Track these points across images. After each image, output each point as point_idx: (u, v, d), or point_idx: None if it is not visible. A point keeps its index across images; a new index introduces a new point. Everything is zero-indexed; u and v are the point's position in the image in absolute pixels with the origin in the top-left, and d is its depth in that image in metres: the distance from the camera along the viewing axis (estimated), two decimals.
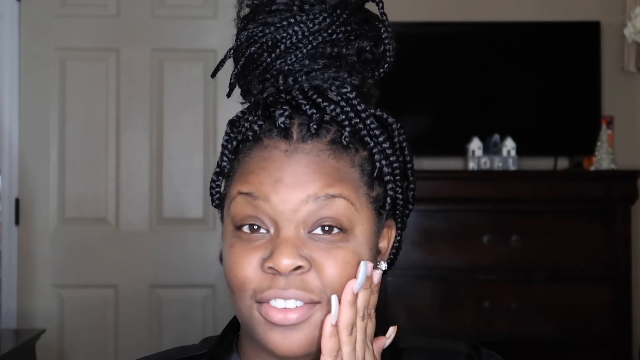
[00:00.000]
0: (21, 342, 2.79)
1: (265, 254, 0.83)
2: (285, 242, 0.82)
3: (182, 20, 3.37)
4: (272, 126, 0.86)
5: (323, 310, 0.83)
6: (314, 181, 0.83)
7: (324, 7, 0.88)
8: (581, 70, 3.25)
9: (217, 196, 0.91)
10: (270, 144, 0.85)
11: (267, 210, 0.83)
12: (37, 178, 3.32)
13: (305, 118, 0.86)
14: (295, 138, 0.85)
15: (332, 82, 0.88)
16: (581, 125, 3.23)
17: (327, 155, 0.85)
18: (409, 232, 2.90)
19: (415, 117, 3.23)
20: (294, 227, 0.83)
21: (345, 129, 0.86)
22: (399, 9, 3.24)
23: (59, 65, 3.35)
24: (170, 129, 3.36)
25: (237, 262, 0.84)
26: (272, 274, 0.82)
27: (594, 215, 2.95)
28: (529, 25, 3.29)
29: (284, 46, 0.87)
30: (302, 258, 0.82)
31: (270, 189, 0.83)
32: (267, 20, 0.88)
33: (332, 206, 0.83)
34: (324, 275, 0.82)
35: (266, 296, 0.82)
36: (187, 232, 3.32)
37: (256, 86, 0.90)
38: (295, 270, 0.81)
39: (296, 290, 0.82)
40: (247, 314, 0.84)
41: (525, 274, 2.93)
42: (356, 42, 0.89)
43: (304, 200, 0.83)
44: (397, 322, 0.92)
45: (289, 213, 0.82)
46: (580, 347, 2.93)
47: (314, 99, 0.86)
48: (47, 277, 3.31)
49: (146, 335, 3.32)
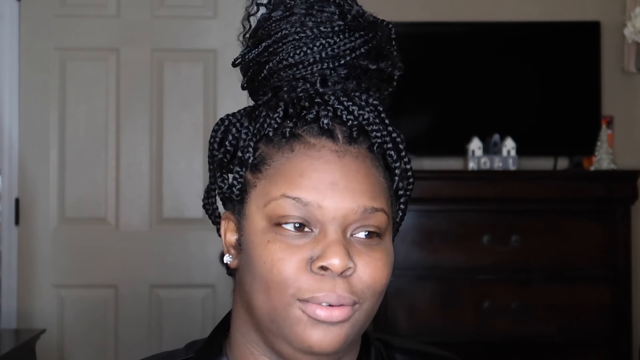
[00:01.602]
0: (21, 342, 2.80)
1: (313, 254, 0.83)
2: (337, 243, 0.83)
3: (182, 20, 3.37)
4: (310, 125, 0.87)
5: (361, 310, 0.85)
6: (364, 191, 0.85)
7: (364, 22, 0.91)
8: (581, 70, 3.25)
9: (239, 187, 0.89)
10: (317, 143, 0.86)
11: (316, 214, 0.84)
12: (37, 178, 3.32)
13: (340, 123, 0.87)
14: (341, 140, 0.86)
15: (363, 93, 0.90)
16: (581, 125, 3.23)
17: (370, 163, 0.87)
18: (409, 232, 2.90)
19: (415, 117, 3.23)
20: (341, 230, 0.84)
21: (375, 140, 0.88)
22: (399, 9, 3.25)
23: (59, 65, 3.35)
24: (170, 129, 3.36)
25: (282, 259, 0.83)
26: (321, 275, 0.83)
27: (594, 215, 2.95)
28: (529, 25, 3.29)
29: (329, 51, 0.88)
30: (351, 260, 0.83)
31: (324, 194, 0.84)
32: (307, 22, 0.89)
33: (376, 218, 0.85)
34: (366, 278, 0.84)
35: (316, 298, 0.83)
36: (187, 232, 3.32)
37: (291, 83, 0.89)
38: (344, 272, 0.83)
39: (343, 293, 0.83)
40: (283, 312, 0.84)
41: (525, 274, 2.93)
42: (383, 62, 0.92)
43: (355, 210, 0.84)
44: (397, 322, 0.94)
45: (340, 218, 0.84)
46: (580, 347, 2.93)
47: (347, 105, 0.87)
48: (47, 277, 3.31)
49: (146, 335, 3.32)
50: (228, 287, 0.88)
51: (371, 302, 0.85)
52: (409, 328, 2.88)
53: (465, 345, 2.86)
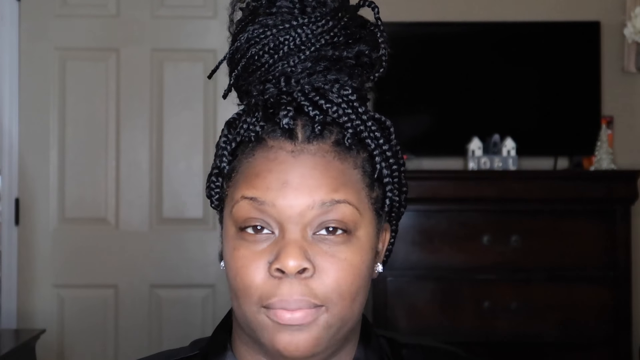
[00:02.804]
0: (21, 342, 2.79)
1: (271, 257, 0.82)
2: (291, 244, 0.82)
3: (182, 20, 3.37)
4: (274, 127, 0.86)
5: (329, 313, 0.83)
6: (321, 185, 0.83)
7: (325, 10, 0.89)
8: (581, 70, 3.25)
9: (217, 197, 0.90)
10: (275, 145, 0.85)
11: (272, 214, 0.83)
12: (37, 178, 3.32)
13: (307, 119, 0.86)
14: (300, 139, 0.85)
15: (333, 85, 0.88)
16: (581, 125, 3.23)
17: (332, 157, 0.85)
18: (409, 232, 2.90)
19: (415, 117, 3.23)
20: (299, 229, 0.83)
21: (347, 131, 0.86)
22: (399, 9, 3.25)
23: (59, 65, 3.35)
24: (170, 129, 3.36)
25: (244, 266, 0.83)
26: (278, 278, 0.82)
27: (594, 215, 2.95)
28: (529, 25, 3.29)
29: (287, 48, 0.87)
30: (308, 261, 0.82)
31: (277, 193, 0.83)
32: (268, 22, 0.88)
33: (337, 211, 0.83)
34: (328, 280, 0.82)
35: (272, 304, 0.82)
36: (187, 232, 3.32)
37: (257, 87, 0.89)
38: (300, 274, 0.81)
39: (301, 297, 0.81)
40: (252, 318, 0.84)
41: (525, 274, 2.93)
42: (356, 46, 0.89)
43: (310, 205, 0.83)
44: (397, 322, 0.93)
45: (296, 217, 0.83)
46: (580, 347, 2.93)
47: (315, 100, 0.86)
48: (47, 277, 3.31)
49: (146, 335, 3.32)
50: (228, 287, 0.88)
51: (342, 305, 0.83)
52: (409, 328, 2.88)
53: (465, 345, 2.85)
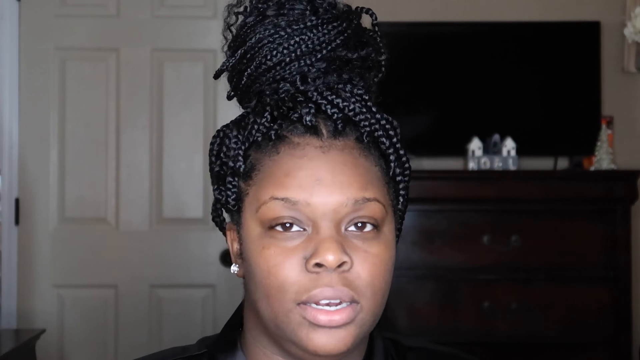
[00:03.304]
0: (21, 342, 2.79)
1: (306, 253, 0.82)
2: (329, 239, 0.82)
3: (182, 20, 3.37)
4: (295, 125, 0.86)
5: (365, 311, 0.84)
6: (352, 183, 0.84)
7: (337, 13, 0.90)
8: (581, 70, 3.25)
9: (234, 197, 0.89)
10: (301, 142, 0.85)
11: (306, 212, 0.83)
12: (37, 178, 3.32)
13: (325, 117, 0.87)
14: (325, 135, 0.86)
15: (347, 84, 0.89)
16: (581, 125, 3.23)
17: (358, 154, 0.86)
18: (409, 232, 2.90)
19: (415, 117, 3.23)
20: (333, 225, 0.83)
21: (364, 129, 0.87)
22: (399, 9, 3.25)
23: (59, 65, 3.35)
24: (170, 129, 3.36)
25: (278, 264, 0.83)
26: (316, 273, 0.82)
27: (594, 215, 2.95)
28: (529, 25, 3.29)
29: (303, 47, 0.88)
30: (346, 254, 0.82)
31: (311, 191, 0.83)
32: (280, 22, 0.89)
33: (369, 209, 0.84)
34: (364, 274, 0.83)
35: (313, 296, 0.82)
36: (187, 232, 3.32)
37: (271, 86, 0.89)
38: (339, 267, 0.82)
39: (342, 287, 0.82)
40: (285, 317, 0.83)
41: (525, 274, 2.93)
42: (364, 49, 0.91)
43: (344, 202, 0.83)
44: (397, 322, 0.93)
45: (330, 213, 0.83)
46: (580, 347, 2.93)
47: (332, 99, 0.87)
48: (47, 277, 3.31)
49: (146, 335, 3.32)
50: (228, 287, 0.88)
51: (374, 301, 0.84)
52: (409, 328, 2.88)
53: (465, 345, 2.85)
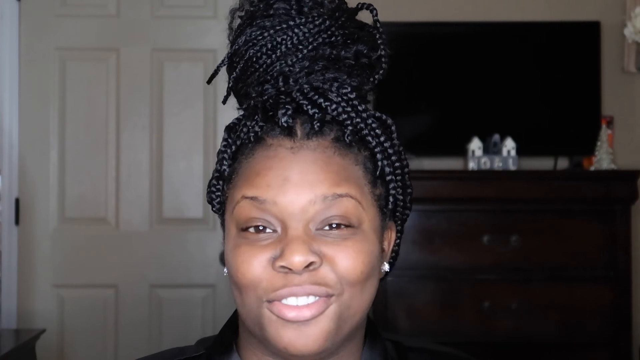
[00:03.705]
0: (21, 342, 2.79)
1: (275, 253, 0.82)
2: (295, 240, 0.81)
3: (182, 20, 3.37)
4: (274, 127, 0.86)
5: (338, 302, 0.82)
6: (322, 180, 0.83)
7: (322, 10, 0.89)
8: (581, 70, 3.25)
9: (218, 200, 0.90)
10: (274, 143, 0.85)
11: (274, 212, 0.82)
12: (37, 178, 3.32)
13: (306, 118, 0.86)
14: (299, 135, 0.85)
15: (332, 83, 0.88)
16: (581, 125, 3.23)
17: (332, 152, 0.85)
18: (409, 232, 2.90)
19: (415, 117, 3.23)
20: (302, 225, 0.82)
21: (347, 128, 0.86)
22: (399, 9, 3.25)
23: (59, 65, 3.35)
24: (170, 129, 3.36)
25: (246, 261, 0.83)
26: (285, 273, 0.81)
27: (594, 215, 2.94)
28: (529, 25, 3.29)
29: (284, 47, 0.87)
30: (313, 254, 0.81)
31: (278, 190, 0.82)
32: (266, 23, 0.88)
33: (340, 205, 0.83)
34: (338, 267, 0.82)
35: (280, 294, 0.81)
36: (187, 232, 3.32)
37: (255, 89, 0.90)
38: (307, 267, 0.80)
39: (311, 286, 0.81)
40: (256, 314, 0.83)
41: (525, 274, 2.93)
42: (354, 46, 0.89)
43: (312, 200, 0.82)
44: (397, 322, 0.93)
45: (298, 213, 0.82)
46: (580, 347, 2.93)
47: (314, 99, 0.86)
48: (47, 277, 3.31)
49: (146, 335, 3.32)
50: (228, 287, 0.88)
51: (350, 293, 0.82)
52: (409, 328, 2.88)
53: (465, 345, 2.85)
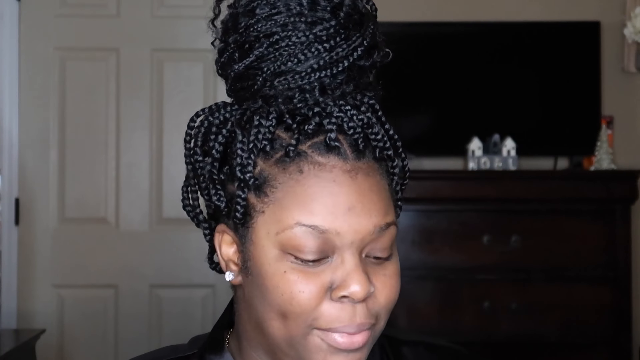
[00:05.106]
0: (21, 342, 2.80)
1: (332, 282, 0.79)
2: (357, 270, 0.79)
3: (182, 20, 3.37)
4: (308, 138, 0.80)
5: (376, 330, 0.83)
6: (378, 209, 0.80)
7: (358, 18, 0.84)
8: (581, 70, 3.25)
9: (243, 211, 0.81)
10: (327, 163, 0.80)
11: (334, 240, 0.79)
12: (37, 178, 3.32)
13: (340, 130, 0.81)
14: (350, 156, 0.80)
15: (358, 94, 0.84)
16: (581, 125, 3.23)
17: (379, 176, 0.82)
18: (409, 232, 2.90)
19: (415, 117, 3.23)
20: (358, 253, 0.80)
21: (378, 144, 0.82)
22: (399, 9, 3.25)
23: (59, 65, 3.35)
24: (170, 129, 3.36)
25: (302, 292, 0.79)
26: (341, 302, 0.79)
27: (594, 215, 2.95)
28: (529, 25, 3.29)
29: (328, 58, 0.81)
30: (371, 284, 0.80)
31: (341, 219, 0.78)
32: (299, 25, 0.82)
33: (388, 234, 0.82)
34: (382, 298, 0.82)
35: (337, 329, 0.80)
36: (187, 232, 3.32)
37: (285, 93, 0.82)
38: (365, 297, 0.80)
39: (365, 320, 0.80)
40: (302, 340, 0.81)
41: (525, 274, 2.93)
42: (377, 55, 0.86)
43: (372, 231, 0.80)
44: (397, 322, 0.93)
45: (358, 242, 0.79)
46: (580, 347, 2.93)
47: (352, 115, 0.81)
48: (47, 277, 3.31)
49: (146, 335, 3.32)
50: (228, 287, 0.86)
51: (384, 320, 0.83)
52: (409, 328, 2.88)
53: (465, 345, 2.85)
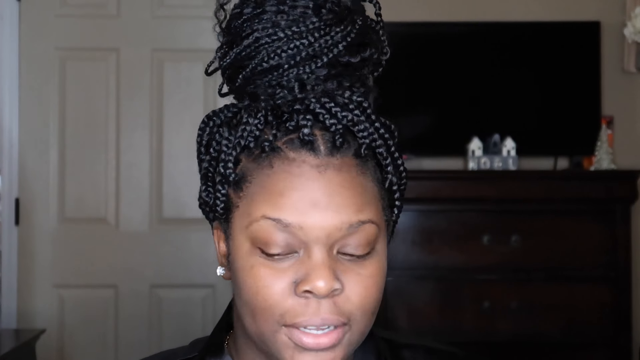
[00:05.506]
0: (21, 342, 2.80)
1: (297, 277, 0.79)
2: (321, 265, 0.79)
3: (182, 20, 3.37)
4: (289, 135, 0.81)
5: (353, 332, 0.82)
6: (348, 205, 0.80)
7: (340, 13, 0.84)
8: (581, 70, 3.25)
9: (222, 206, 0.85)
10: (297, 158, 0.80)
11: (299, 235, 0.79)
12: (37, 178, 3.32)
13: (323, 129, 0.81)
14: (323, 151, 0.81)
15: (345, 91, 0.84)
16: (581, 125, 3.23)
17: (355, 172, 0.81)
18: (409, 232, 2.90)
19: (415, 117, 3.23)
20: (326, 249, 0.80)
21: (364, 141, 0.82)
22: (399, 9, 3.25)
23: (59, 65, 3.35)
24: (170, 129, 3.36)
25: (267, 286, 0.80)
26: (306, 298, 0.79)
27: (594, 215, 2.95)
28: (529, 25, 3.29)
29: (304, 54, 0.82)
30: (337, 280, 0.80)
31: (305, 214, 0.79)
32: (280, 22, 0.83)
33: (362, 232, 0.81)
34: (356, 297, 0.81)
35: (300, 323, 0.79)
36: (187, 232, 3.32)
37: (267, 91, 0.84)
38: (330, 293, 0.79)
39: (329, 315, 0.79)
40: (271, 336, 0.81)
41: (525, 274, 2.93)
42: (366, 51, 0.86)
43: (339, 227, 0.79)
44: (397, 322, 0.92)
45: (323, 238, 0.79)
46: (580, 347, 2.93)
47: (330, 107, 0.82)
48: (47, 277, 3.31)
49: (146, 335, 3.32)
50: (228, 287, 0.87)
51: (363, 322, 0.82)
52: (409, 328, 2.88)
53: (465, 345, 2.85)
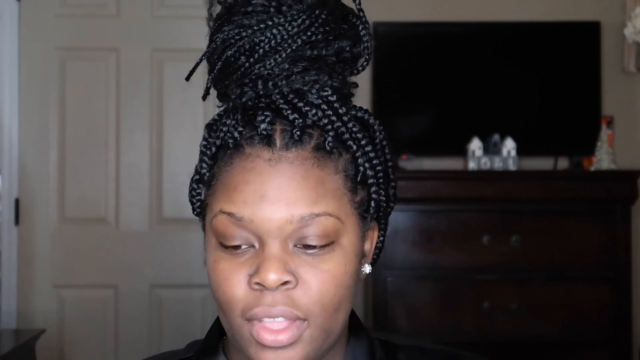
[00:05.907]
0: (21, 342, 2.80)
1: (251, 270, 0.81)
2: (271, 258, 0.80)
3: (182, 20, 3.37)
4: (253, 132, 0.83)
5: (312, 326, 0.81)
6: (299, 198, 0.80)
7: (302, 7, 0.85)
8: (581, 70, 3.26)
9: (199, 204, 0.88)
10: (252, 153, 0.82)
11: (251, 229, 0.81)
12: (37, 178, 3.32)
13: (286, 123, 0.83)
14: (278, 146, 0.82)
15: (313, 86, 0.85)
16: (581, 125, 3.23)
17: (311, 164, 0.82)
18: (409, 232, 2.91)
19: (415, 117, 3.23)
20: (279, 242, 0.80)
21: (328, 134, 0.83)
22: (399, 9, 3.25)
23: (59, 65, 3.35)
24: (170, 129, 3.36)
25: (226, 279, 0.82)
26: (259, 290, 0.80)
27: (594, 215, 2.95)
28: (529, 25, 3.29)
29: (262, 50, 0.84)
30: (289, 273, 0.80)
31: (255, 207, 0.80)
32: (244, 22, 0.85)
33: (317, 224, 0.81)
34: (311, 292, 0.80)
35: (255, 314, 0.80)
36: (187, 232, 3.32)
37: (234, 90, 0.86)
38: (282, 286, 0.80)
39: (284, 307, 0.80)
40: (238, 332, 0.82)
41: (525, 274, 2.93)
42: (336, 43, 0.86)
43: (289, 219, 0.80)
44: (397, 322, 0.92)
45: (274, 230, 0.80)
46: (580, 347, 2.93)
47: (294, 103, 0.83)
48: (47, 277, 3.31)
49: (146, 335, 3.32)
50: None
51: (324, 317, 0.81)
52: (409, 328, 2.88)
53: (465, 345, 2.85)
